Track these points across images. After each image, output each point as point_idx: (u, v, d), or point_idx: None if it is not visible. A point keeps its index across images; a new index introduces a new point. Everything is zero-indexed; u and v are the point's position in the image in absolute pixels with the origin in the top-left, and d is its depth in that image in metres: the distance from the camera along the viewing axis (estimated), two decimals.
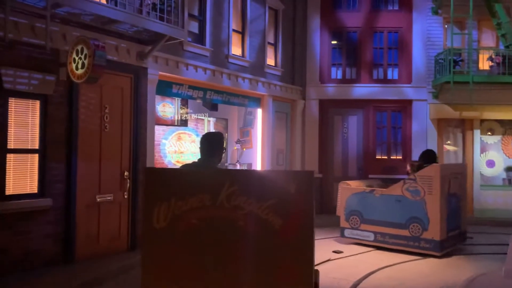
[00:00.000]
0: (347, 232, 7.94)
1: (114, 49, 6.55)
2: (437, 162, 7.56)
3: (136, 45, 6.84)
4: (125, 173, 6.76)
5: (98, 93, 6.42)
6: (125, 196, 6.76)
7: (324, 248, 7.50)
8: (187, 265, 2.73)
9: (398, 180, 7.81)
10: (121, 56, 6.65)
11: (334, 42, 11.49)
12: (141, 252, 2.85)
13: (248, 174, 3.09)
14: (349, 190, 8.00)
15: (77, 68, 5.57)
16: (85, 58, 5.47)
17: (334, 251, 7.37)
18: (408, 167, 8.14)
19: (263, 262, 2.67)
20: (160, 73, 7.44)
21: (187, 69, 7.96)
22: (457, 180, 7.49)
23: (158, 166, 8.32)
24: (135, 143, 6.91)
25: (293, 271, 2.64)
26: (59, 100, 5.89)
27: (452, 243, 7.33)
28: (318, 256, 6.77)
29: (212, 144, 3.56)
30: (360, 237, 7.75)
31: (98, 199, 6.38)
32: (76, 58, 5.58)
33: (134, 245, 6.81)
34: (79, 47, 5.56)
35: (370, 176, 10.58)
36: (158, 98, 8.02)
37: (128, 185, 6.78)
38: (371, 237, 7.62)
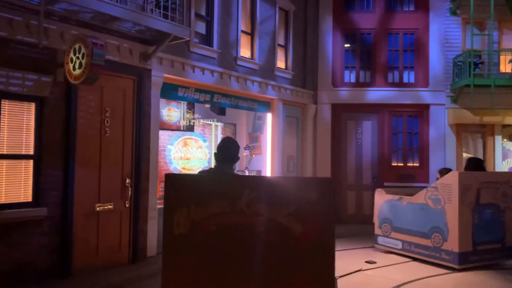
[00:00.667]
0: (380, 240, 7.84)
1: (116, 49, 6.19)
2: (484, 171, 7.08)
3: (139, 45, 6.49)
4: (127, 181, 6.37)
5: (99, 96, 6.06)
6: (127, 205, 6.37)
7: (359, 256, 7.42)
8: (207, 272, 2.69)
9: (417, 189, 7.66)
10: (123, 57, 6.30)
11: (347, 44, 11.07)
12: (162, 260, 2.76)
13: (268, 181, 3.08)
14: (381, 197, 7.94)
15: (74, 68, 5.21)
16: (82, 58, 5.11)
17: (367, 261, 7.01)
18: (438, 175, 7.67)
19: (283, 268, 2.65)
20: (165, 75, 7.07)
21: (193, 71, 7.59)
22: (495, 190, 6.80)
23: (162, 172, 7.94)
24: (137, 149, 6.53)
25: (314, 278, 2.64)
26: (56, 102, 5.53)
27: (485, 257, 6.74)
28: (351, 266, 6.60)
29: (230, 151, 3.53)
30: (391, 245, 7.63)
31: (97, 208, 6.00)
32: (74, 58, 5.23)
33: (136, 258, 6.41)
34: (76, 46, 5.21)
35: (385, 184, 10.08)
36: (163, 101, 7.65)
37: (129, 193, 6.39)
38: (399, 245, 7.45)
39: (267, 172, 9.67)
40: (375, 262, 7.02)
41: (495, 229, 6.84)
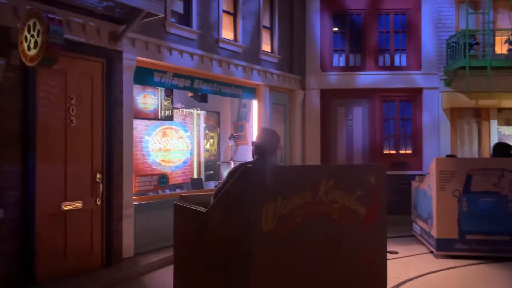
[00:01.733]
0: (414, 226, 8.03)
1: (80, 28, 5.49)
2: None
3: (107, 24, 5.79)
4: (97, 176, 5.72)
5: (62, 81, 5.37)
6: (98, 203, 5.72)
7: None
8: (296, 265, 2.72)
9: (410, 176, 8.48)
10: (90, 37, 5.60)
11: (335, 26, 10.47)
12: (249, 261, 2.59)
13: (340, 169, 3.31)
14: (413, 184, 8.26)
15: (29, 48, 4.52)
16: (38, 36, 4.42)
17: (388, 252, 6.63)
18: None
19: (351, 250, 2.90)
20: (139, 58, 6.40)
21: (170, 54, 6.91)
22: (496, 177, 6.38)
23: (139, 166, 7.29)
24: (109, 141, 5.87)
25: (372, 254, 2.95)
26: (10, 89, 4.83)
27: (482, 248, 6.40)
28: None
29: (275, 143, 3.56)
30: (415, 230, 7.91)
31: (64, 207, 5.35)
32: (28, 36, 4.53)
33: (110, 260, 5.79)
34: (31, 22, 4.51)
35: None
36: (137, 88, 6.98)
37: (101, 189, 5.74)
38: (418, 231, 7.70)
39: None
40: (397, 252, 6.90)
41: (499, 219, 6.38)
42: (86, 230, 5.64)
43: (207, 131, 8.96)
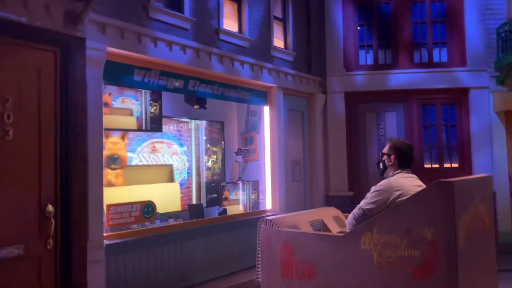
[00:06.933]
0: None
1: (21, 4, 3.94)
2: None
3: None
4: (48, 208, 4.08)
5: None
6: (49, 246, 4.07)
7: None
8: (473, 277, 2.87)
9: None
10: (35, 17, 4.04)
11: (361, 17, 8.85)
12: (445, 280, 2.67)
13: (479, 181, 3.37)
14: None
15: None
16: None
17: None
18: None
19: (490, 256, 3.34)
20: (111, 49, 4.85)
21: (155, 45, 5.35)
22: None
23: (118, 191, 5.66)
24: (65, 159, 4.26)
25: (493, 260, 3.38)
26: None
27: None
28: None
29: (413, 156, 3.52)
30: None
31: None
32: None
33: None
34: None
35: None
36: (114, 90, 5.40)
37: (53, 227, 4.10)
38: None
39: (267, 183, 7.41)
40: None
41: None
42: (31, 286, 3.99)
43: (208, 145, 7.32)
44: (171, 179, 6.62)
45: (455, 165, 8.55)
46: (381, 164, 3.52)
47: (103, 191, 4.73)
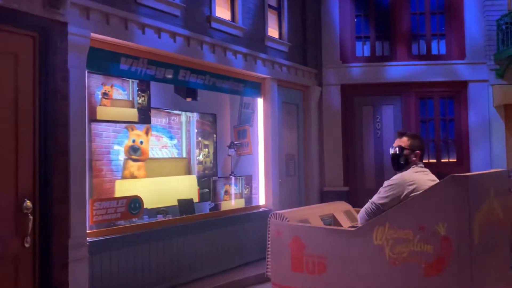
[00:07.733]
0: None
1: None
2: None
3: None
4: (25, 204, 3.81)
5: None
6: (27, 244, 3.81)
7: None
8: (487, 271, 2.79)
9: None
10: None
11: (358, 7, 8.61)
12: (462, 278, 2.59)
13: (495, 175, 3.24)
14: None
15: None
16: None
17: None
18: None
19: (503, 249, 3.18)
20: (94, 35, 4.57)
21: (143, 32, 5.07)
22: None
23: (105, 186, 5.40)
24: (44, 151, 3.99)
25: (506, 256, 3.21)
26: None
27: None
28: None
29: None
30: None
31: None
32: None
33: None
34: None
35: None
36: (98, 79, 5.12)
37: (31, 224, 3.83)
38: None
39: (260, 177, 7.17)
40: None
41: None
42: (7, 287, 3.74)
43: (200, 139, 7.06)
44: (188, 172, 6.72)
45: (452, 160, 8.37)
46: (401, 159, 3.29)
47: (87, 185, 4.46)
